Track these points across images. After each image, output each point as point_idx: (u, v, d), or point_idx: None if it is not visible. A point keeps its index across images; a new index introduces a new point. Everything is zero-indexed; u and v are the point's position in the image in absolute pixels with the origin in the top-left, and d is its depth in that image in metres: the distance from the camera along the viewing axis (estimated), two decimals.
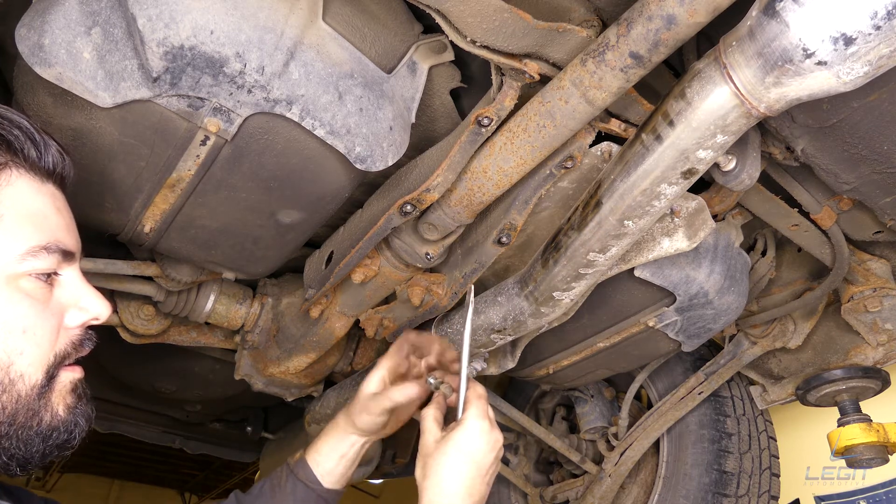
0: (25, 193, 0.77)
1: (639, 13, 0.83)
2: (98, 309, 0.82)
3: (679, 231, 1.17)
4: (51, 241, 0.76)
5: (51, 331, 0.77)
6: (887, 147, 1.05)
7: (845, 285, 1.59)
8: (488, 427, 0.96)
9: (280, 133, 1.05)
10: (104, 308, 0.82)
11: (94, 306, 0.82)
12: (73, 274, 0.81)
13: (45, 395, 0.77)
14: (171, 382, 2.26)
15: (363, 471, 2.50)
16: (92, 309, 0.81)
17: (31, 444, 0.76)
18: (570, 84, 0.95)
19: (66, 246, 0.79)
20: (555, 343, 1.73)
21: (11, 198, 0.75)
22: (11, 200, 0.75)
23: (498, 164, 1.12)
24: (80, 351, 0.81)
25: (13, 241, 0.73)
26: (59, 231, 0.79)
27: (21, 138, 0.77)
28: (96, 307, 0.82)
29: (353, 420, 1.12)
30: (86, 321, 0.82)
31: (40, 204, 0.78)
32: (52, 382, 0.77)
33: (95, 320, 0.82)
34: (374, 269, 1.37)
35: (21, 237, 0.74)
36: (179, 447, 2.80)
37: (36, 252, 0.75)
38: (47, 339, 0.76)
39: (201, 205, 1.19)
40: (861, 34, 0.67)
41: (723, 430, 1.96)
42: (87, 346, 0.82)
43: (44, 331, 0.76)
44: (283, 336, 1.73)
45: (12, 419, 0.73)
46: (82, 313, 0.81)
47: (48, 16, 0.89)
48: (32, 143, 0.78)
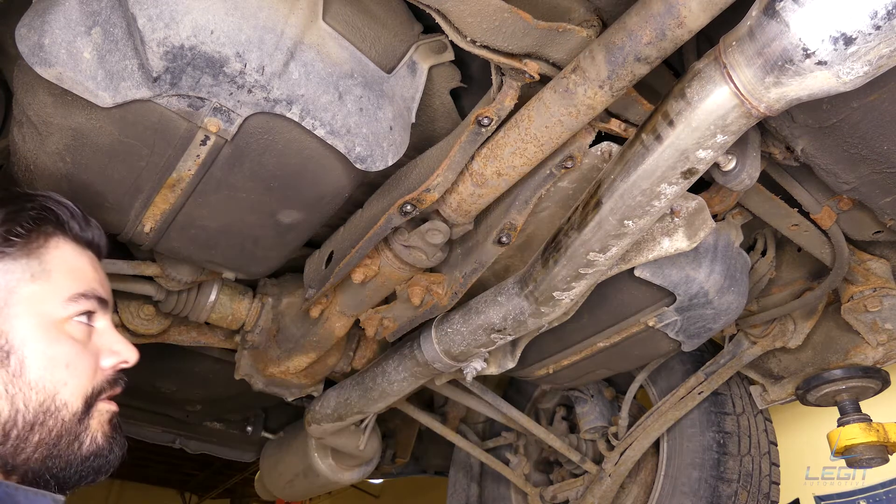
0: (69, 255, 0.94)
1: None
2: (128, 354, 0.96)
3: (679, 231, 1.17)
4: (88, 290, 0.92)
5: (89, 367, 0.90)
6: (887, 147, 1.05)
7: (845, 285, 1.59)
8: None
9: (280, 133, 1.05)
10: (133, 354, 0.97)
11: (125, 351, 0.96)
12: (107, 324, 0.96)
13: (85, 421, 0.89)
14: (171, 382, 2.25)
15: (363, 471, 2.50)
16: (123, 353, 0.96)
17: (71, 465, 0.87)
18: (571, 84, 0.95)
19: (101, 294, 0.95)
20: (555, 343, 1.73)
21: (58, 258, 0.92)
22: (58, 260, 0.92)
23: (498, 164, 1.12)
24: (114, 388, 0.94)
25: (59, 291, 0.89)
26: (94, 283, 0.95)
27: (67, 214, 0.95)
28: (126, 352, 0.96)
29: None
30: (117, 363, 0.95)
31: (81, 263, 0.95)
32: (90, 411, 0.90)
33: (125, 363, 0.96)
34: (374, 268, 1.37)
35: (65, 287, 0.90)
36: (179, 447, 2.80)
37: (76, 298, 0.90)
38: (87, 373, 0.89)
39: (201, 205, 1.19)
40: (861, 34, 0.67)
41: (723, 430, 1.96)
42: (120, 384, 0.96)
43: (83, 366, 0.89)
44: (283, 336, 1.73)
45: (57, 441, 0.85)
46: (114, 357, 0.95)
47: (48, 16, 0.89)
48: (75, 220, 0.96)
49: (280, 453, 2.61)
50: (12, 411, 0.81)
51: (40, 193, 0.95)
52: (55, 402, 0.85)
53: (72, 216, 0.96)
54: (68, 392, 0.86)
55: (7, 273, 0.86)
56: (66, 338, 0.88)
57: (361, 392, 1.74)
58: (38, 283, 0.88)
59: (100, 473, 0.90)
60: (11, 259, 0.87)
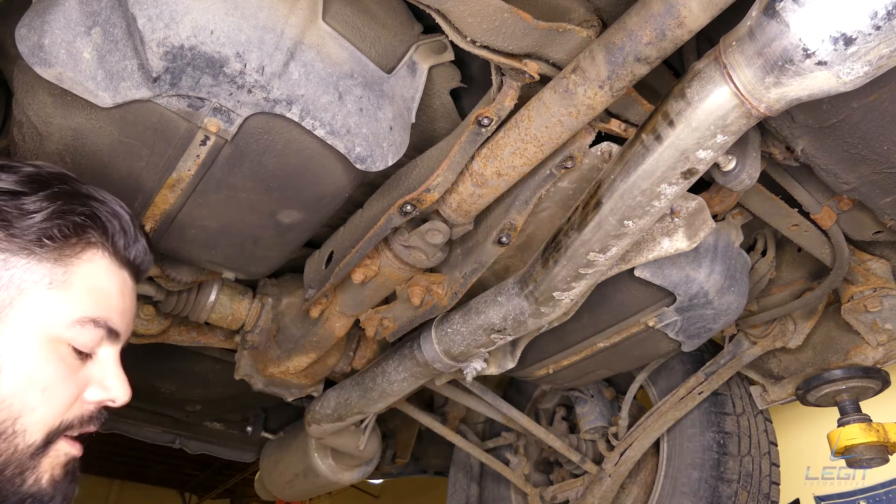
0: (101, 272, 0.86)
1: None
2: (118, 393, 0.87)
3: (679, 231, 1.17)
4: (101, 317, 0.84)
5: (68, 397, 0.81)
6: (887, 147, 1.05)
7: (845, 285, 1.59)
8: None
9: (280, 133, 1.05)
10: (124, 394, 0.87)
11: (116, 389, 0.87)
12: (111, 354, 0.87)
13: (38, 458, 0.79)
14: (171, 382, 2.25)
15: (363, 471, 2.50)
16: (113, 391, 0.86)
17: (7, 500, 0.77)
18: (571, 84, 0.95)
19: (114, 325, 0.86)
20: (555, 343, 1.73)
21: (87, 273, 0.84)
22: (87, 274, 0.84)
23: (498, 165, 1.12)
24: (86, 427, 0.84)
25: (71, 308, 0.81)
26: (114, 312, 0.87)
27: (116, 227, 0.88)
28: (117, 391, 0.87)
29: None
30: (102, 400, 0.86)
31: (109, 285, 0.87)
32: (47, 448, 0.80)
33: (112, 402, 0.87)
34: (374, 269, 1.37)
35: (79, 307, 0.82)
36: (179, 447, 2.80)
37: (85, 322, 0.82)
38: (61, 403, 0.80)
39: (201, 205, 1.19)
40: (861, 34, 0.67)
41: (723, 431, 1.96)
42: (95, 424, 0.86)
43: (61, 396, 0.80)
44: (283, 336, 1.73)
45: (2, 468, 0.75)
46: (102, 392, 0.86)
47: (48, 16, 0.89)
48: (123, 234, 0.89)
49: (280, 453, 2.61)
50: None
51: (98, 196, 0.88)
52: (14, 427, 0.75)
53: (122, 231, 0.89)
54: (33, 420, 0.77)
55: (26, 272, 0.79)
56: (55, 359, 0.79)
57: (361, 392, 1.74)
58: (52, 291, 0.80)
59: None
60: (37, 260, 0.80)
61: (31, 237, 0.79)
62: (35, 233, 0.79)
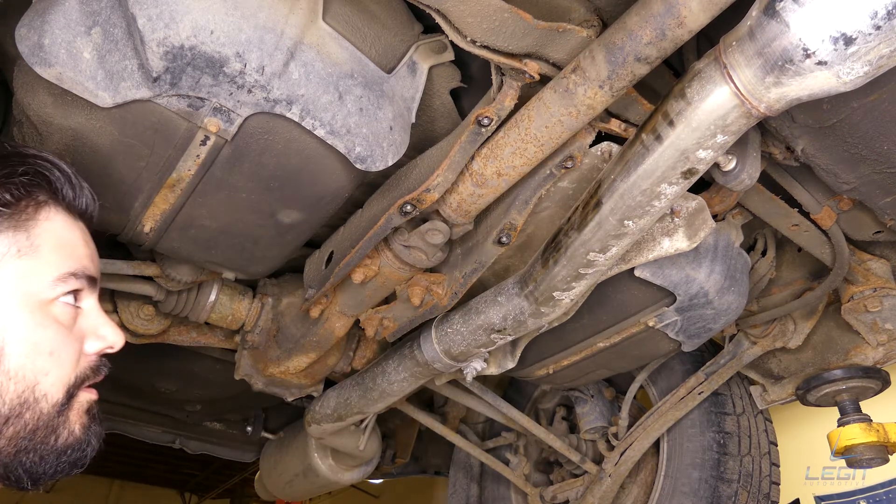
0: (60, 227, 0.86)
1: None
2: (113, 338, 0.90)
3: (679, 231, 1.17)
4: (79, 269, 0.85)
5: (73, 354, 0.84)
6: (887, 147, 1.05)
7: (845, 285, 1.59)
8: None
9: (280, 133, 1.05)
10: (119, 338, 0.91)
11: (111, 335, 0.90)
12: (93, 304, 0.89)
13: (64, 413, 0.82)
14: (171, 382, 2.25)
15: (363, 471, 2.50)
16: (108, 338, 0.89)
17: (46, 459, 0.81)
18: (571, 84, 0.95)
19: (91, 272, 0.88)
20: (555, 343, 1.73)
21: (49, 231, 0.84)
22: (49, 233, 0.84)
23: (498, 164, 1.12)
24: (97, 375, 0.88)
25: (47, 269, 0.82)
26: (86, 260, 0.88)
27: (61, 180, 0.87)
28: (112, 337, 0.90)
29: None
30: (102, 349, 0.89)
31: (72, 237, 0.87)
32: (71, 402, 0.83)
33: (110, 349, 0.90)
34: (374, 269, 1.37)
35: (54, 265, 0.82)
36: (179, 447, 2.80)
37: (66, 278, 0.83)
38: (70, 361, 0.83)
39: (201, 205, 1.18)
40: (861, 34, 0.67)
41: (723, 430, 1.96)
42: (102, 371, 0.89)
43: (67, 354, 0.83)
44: (283, 336, 1.73)
45: (32, 434, 0.79)
46: (99, 342, 0.88)
47: (48, 16, 0.89)
48: (70, 185, 0.88)
49: (280, 453, 2.61)
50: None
51: (33, 153, 0.86)
52: (34, 394, 0.78)
53: (66, 181, 0.88)
54: (49, 382, 0.79)
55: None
56: (51, 321, 0.80)
57: (361, 392, 1.74)
58: (24, 259, 0.79)
59: (75, 467, 0.84)
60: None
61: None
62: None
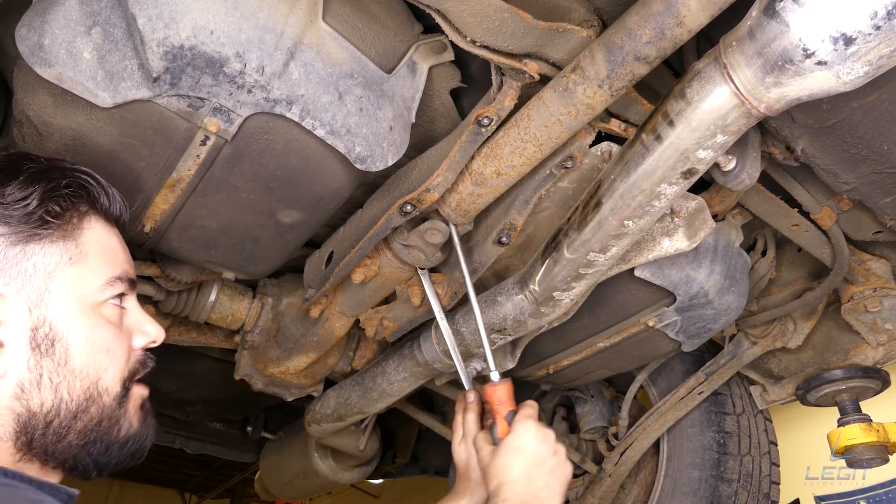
0: (101, 234, 0.92)
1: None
2: (156, 333, 0.96)
3: (679, 231, 1.17)
4: (122, 273, 0.92)
5: (125, 350, 0.90)
6: (887, 147, 1.05)
7: (845, 285, 1.59)
8: (533, 425, 1.10)
9: (280, 133, 1.05)
10: (161, 333, 0.97)
11: (153, 331, 0.96)
12: (134, 304, 0.96)
13: (124, 405, 0.89)
14: (171, 382, 2.25)
15: (363, 471, 2.50)
16: (151, 333, 0.96)
17: (111, 450, 0.87)
18: (570, 83, 0.95)
19: (132, 276, 0.95)
20: (555, 343, 1.73)
21: (93, 239, 0.90)
22: (93, 241, 0.90)
23: (497, 164, 1.12)
24: (146, 368, 0.95)
25: (96, 274, 0.88)
26: (126, 264, 0.94)
27: (98, 189, 0.93)
28: (155, 332, 0.96)
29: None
30: (147, 343, 0.95)
31: (111, 243, 0.93)
32: (127, 395, 0.90)
33: (154, 343, 0.97)
34: (374, 269, 1.37)
35: (101, 270, 0.89)
36: (179, 447, 2.80)
37: (112, 282, 0.89)
38: (124, 357, 0.90)
39: (201, 205, 1.18)
40: (861, 34, 0.67)
41: (723, 430, 1.96)
42: (150, 364, 0.96)
43: (121, 350, 0.89)
44: (283, 336, 1.73)
45: (98, 426, 0.85)
46: (144, 337, 0.95)
47: (48, 16, 0.89)
48: (105, 194, 0.94)
49: (280, 453, 2.61)
50: (56, 400, 0.81)
51: (69, 166, 0.92)
52: (97, 388, 0.85)
53: (103, 191, 0.94)
54: (109, 377, 0.86)
55: (46, 256, 0.83)
56: (104, 322, 0.87)
57: (361, 392, 1.74)
58: (76, 266, 0.86)
59: (134, 457, 0.91)
60: (49, 241, 0.84)
61: (34, 223, 0.83)
62: (36, 219, 0.83)
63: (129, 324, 0.93)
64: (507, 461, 1.07)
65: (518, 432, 1.09)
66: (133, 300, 0.95)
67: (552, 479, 1.06)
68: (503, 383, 1.20)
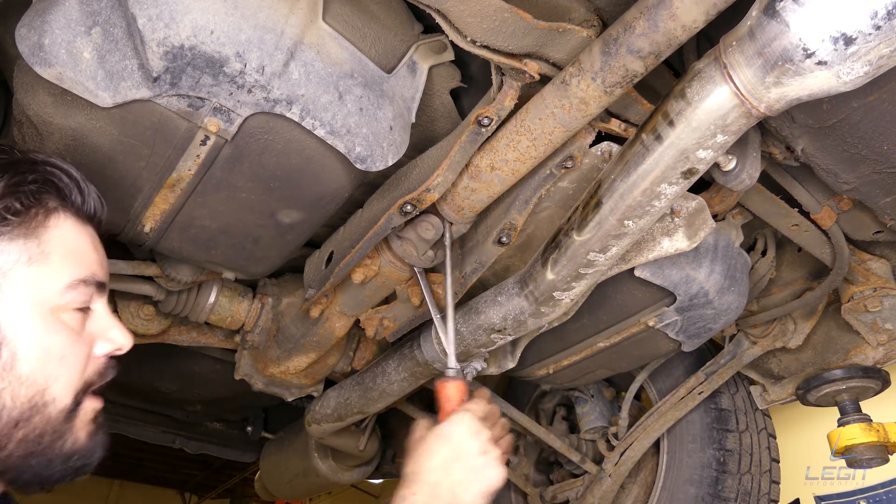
0: (70, 233, 0.87)
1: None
2: (122, 340, 0.91)
3: (679, 231, 1.17)
4: (88, 275, 0.86)
5: (83, 358, 0.85)
6: (887, 147, 1.05)
7: (845, 285, 1.59)
8: (469, 418, 1.04)
9: (280, 133, 1.05)
10: (128, 340, 0.92)
11: (120, 338, 0.90)
12: (103, 307, 0.90)
13: (71, 419, 0.83)
14: (171, 382, 2.25)
15: (363, 471, 2.50)
16: (117, 340, 0.90)
17: (52, 464, 0.82)
18: (567, 76, 0.95)
19: (100, 279, 0.89)
20: (555, 343, 1.73)
21: (59, 238, 0.85)
22: (59, 240, 0.84)
23: (498, 164, 1.12)
24: (104, 378, 0.89)
25: (58, 276, 0.83)
26: (95, 266, 0.89)
27: (70, 186, 0.88)
28: (121, 339, 0.91)
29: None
30: (111, 351, 0.90)
31: (82, 243, 0.88)
32: (77, 408, 0.84)
33: (119, 351, 0.91)
34: (374, 269, 1.37)
35: (64, 272, 0.83)
36: (179, 447, 2.80)
37: (76, 285, 0.84)
38: (79, 366, 0.84)
39: (201, 205, 1.18)
40: (861, 34, 0.67)
41: (724, 448, 1.95)
42: (110, 374, 0.90)
43: (77, 358, 0.84)
44: (283, 336, 1.73)
45: (40, 438, 0.80)
46: (108, 344, 0.89)
47: (48, 16, 0.89)
48: (78, 191, 0.89)
49: (280, 453, 2.61)
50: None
51: (41, 159, 0.87)
52: (44, 398, 0.79)
53: (75, 187, 0.89)
54: (59, 387, 0.81)
55: (2, 255, 0.79)
56: (61, 327, 0.82)
57: (361, 392, 1.74)
58: (35, 266, 0.81)
59: (79, 473, 0.86)
60: (8, 239, 0.79)
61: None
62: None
63: (93, 329, 0.88)
64: (431, 447, 1.03)
65: (451, 422, 1.05)
66: (102, 303, 0.90)
67: (472, 477, 1.00)
68: (455, 381, 1.15)
